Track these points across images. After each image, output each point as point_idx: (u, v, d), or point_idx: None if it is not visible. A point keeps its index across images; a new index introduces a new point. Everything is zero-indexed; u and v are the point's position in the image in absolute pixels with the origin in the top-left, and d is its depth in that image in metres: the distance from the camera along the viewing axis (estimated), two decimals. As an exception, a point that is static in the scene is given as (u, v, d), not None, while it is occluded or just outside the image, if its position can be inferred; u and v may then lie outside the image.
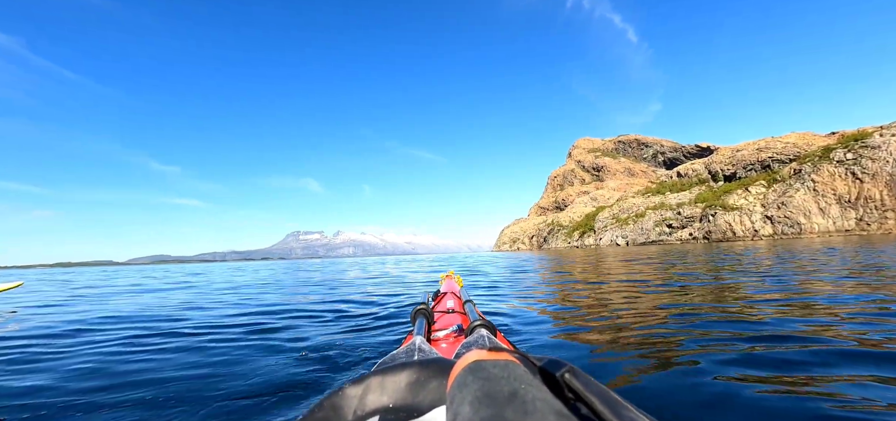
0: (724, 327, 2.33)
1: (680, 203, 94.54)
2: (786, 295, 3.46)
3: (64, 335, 2.98)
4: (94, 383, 1.80)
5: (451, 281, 2.47)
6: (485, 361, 0.30)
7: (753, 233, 72.01)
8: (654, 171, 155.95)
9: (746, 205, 77.50)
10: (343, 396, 0.40)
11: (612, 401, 0.28)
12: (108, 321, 3.59)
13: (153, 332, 2.98)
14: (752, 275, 5.24)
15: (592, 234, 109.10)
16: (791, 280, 4.48)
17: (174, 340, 2.65)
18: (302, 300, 4.69)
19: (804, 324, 2.31)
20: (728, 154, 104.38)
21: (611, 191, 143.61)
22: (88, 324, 3.46)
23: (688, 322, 2.53)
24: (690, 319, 2.60)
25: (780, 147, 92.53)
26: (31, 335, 3.02)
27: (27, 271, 28.50)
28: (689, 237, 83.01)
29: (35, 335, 3.01)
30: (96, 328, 3.24)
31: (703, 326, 2.40)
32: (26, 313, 4.34)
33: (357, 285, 6.74)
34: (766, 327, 2.27)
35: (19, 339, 2.89)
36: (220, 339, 2.62)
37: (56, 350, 2.49)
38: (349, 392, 0.40)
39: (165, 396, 1.59)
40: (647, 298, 3.66)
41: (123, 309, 4.47)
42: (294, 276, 10.89)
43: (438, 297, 1.87)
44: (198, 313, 3.89)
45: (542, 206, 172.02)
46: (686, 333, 2.24)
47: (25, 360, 2.28)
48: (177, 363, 2.07)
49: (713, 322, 2.48)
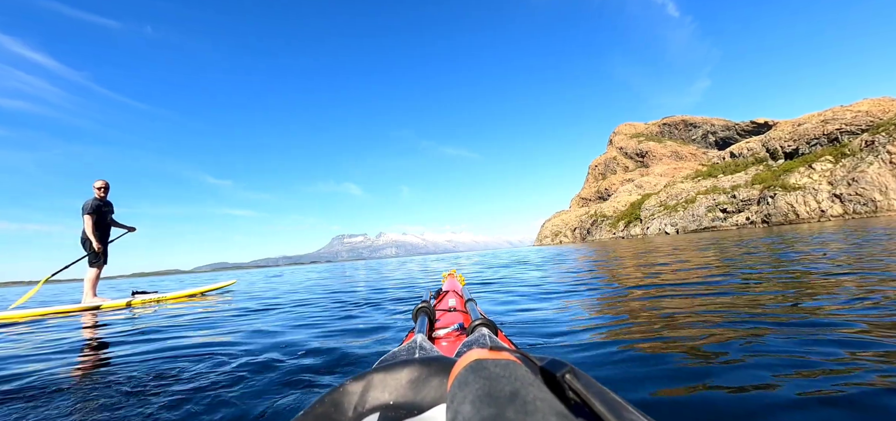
0: (803, 348, 1.57)
1: (734, 185, 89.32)
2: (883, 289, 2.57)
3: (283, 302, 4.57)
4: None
5: (454, 279, 2.46)
6: (486, 360, 0.30)
7: (820, 214, 67.09)
8: (705, 152, 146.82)
9: (810, 183, 72.08)
10: (344, 392, 0.40)
11: (612, 402, 0.28)
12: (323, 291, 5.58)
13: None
14: (828, 264, 4.14)
15: (639, 223, 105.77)
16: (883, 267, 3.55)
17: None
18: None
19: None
20: (788, 129, 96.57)
21: (657, 177, 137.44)
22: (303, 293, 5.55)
23: (755, 340, 1.74)
24: (758, 337, 1.78)
25: (850, 117, 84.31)
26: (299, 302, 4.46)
27: (113, 282, 30.71)
28: (745, 222, 78.64)
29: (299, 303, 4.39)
30: (315, 300, 4.62)
31: (778, 347, 1.61)
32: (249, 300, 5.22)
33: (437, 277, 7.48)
34: (866, 348, 1.50)
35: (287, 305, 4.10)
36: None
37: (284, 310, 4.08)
38: (350, 389, 0.40)
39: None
40: (701, 298, 2.87)
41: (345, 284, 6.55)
42: (379, 272, 12.39)
43: (440, 295, 1.84)
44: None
45: (584, 197, 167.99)
46: (751, 354, 1.55)
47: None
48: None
49: (790, 340, 1.68)
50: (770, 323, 2.00)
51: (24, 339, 3.21)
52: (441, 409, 0.38)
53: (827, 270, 3.77)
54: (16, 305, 5.30)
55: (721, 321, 2.14)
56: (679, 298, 3.01)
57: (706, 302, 2.73)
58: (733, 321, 2.11)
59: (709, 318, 2.24)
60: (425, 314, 1.08)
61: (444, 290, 1.95)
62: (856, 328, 1.79)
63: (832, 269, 3.80)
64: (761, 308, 2.37)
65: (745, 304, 2.55)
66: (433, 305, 1.51)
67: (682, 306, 2.66)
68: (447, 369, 0.40)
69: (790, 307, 2.35)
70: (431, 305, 1.27)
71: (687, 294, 3.12)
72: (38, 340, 3.08)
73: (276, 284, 8.98)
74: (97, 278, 5.75)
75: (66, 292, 12.65)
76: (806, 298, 2.58)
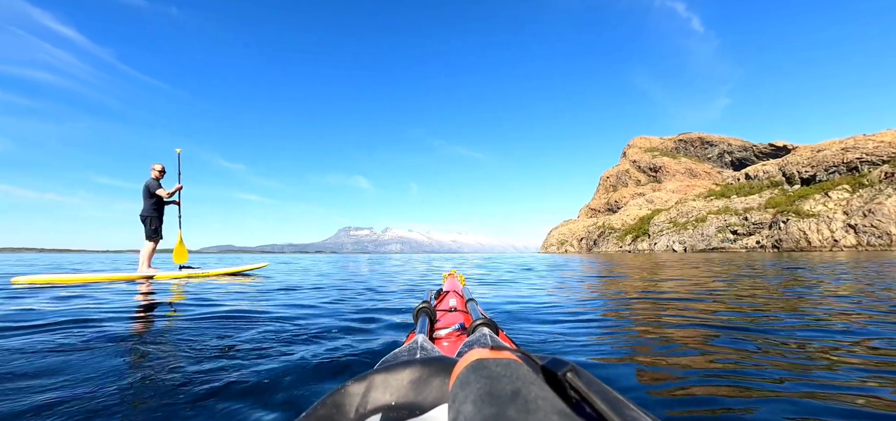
0: (804, 389, 1.31)
1: (747, 208, 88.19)
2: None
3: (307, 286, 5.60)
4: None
5: (454, 280, 2.46)
6: (487, 360, 0.31)
7: (832, 243, 65.96)
8: (720, 172, 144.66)
9: (825, 211, 70.88)
10: (346, 393, 0.40)
11: (614, 400, 0.28)
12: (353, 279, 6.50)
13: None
14: (849, 299, 3.58)
15: (646, 238, 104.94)
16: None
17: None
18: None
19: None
20: (807, 154, 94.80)
21: (669, 193, 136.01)
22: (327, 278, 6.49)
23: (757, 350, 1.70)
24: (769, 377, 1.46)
25: (872, 146, 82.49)
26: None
27: (120, 255, 30.82)
28: (755, 245, 77.59)
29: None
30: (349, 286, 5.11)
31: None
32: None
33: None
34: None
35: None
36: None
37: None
38: (352, 390, 0.40)
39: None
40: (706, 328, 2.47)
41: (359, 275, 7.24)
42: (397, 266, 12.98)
43: (441, 295, 1.80)
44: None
45: (593, 208, 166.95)
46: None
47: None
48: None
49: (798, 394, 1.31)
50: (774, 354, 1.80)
51: (89, 298, 3.72)
52: (443, 409, 0.38)
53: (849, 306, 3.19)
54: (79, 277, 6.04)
55: (721, 337, 2.12)
56: (682, 312, 3.01)
57: (707, 316, 2.77)
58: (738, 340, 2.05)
59: (710, 334, 2.23)
60: (426, 315, 1.08)
61: (445, 290, 1.94)
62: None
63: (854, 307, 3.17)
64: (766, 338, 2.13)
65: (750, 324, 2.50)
66: (434, 305, 1.53)
67: (684, 318, 2.73)
68: (448, 369, 0.40)
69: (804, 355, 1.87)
70: (432, 305, 1.27)
71: (690, 310, 3.08)
72: (102, 299, 3.62)
73: (305, 268, 9.52)
74: (152, 252, 6.27)
75: (122, 260, 13.67)
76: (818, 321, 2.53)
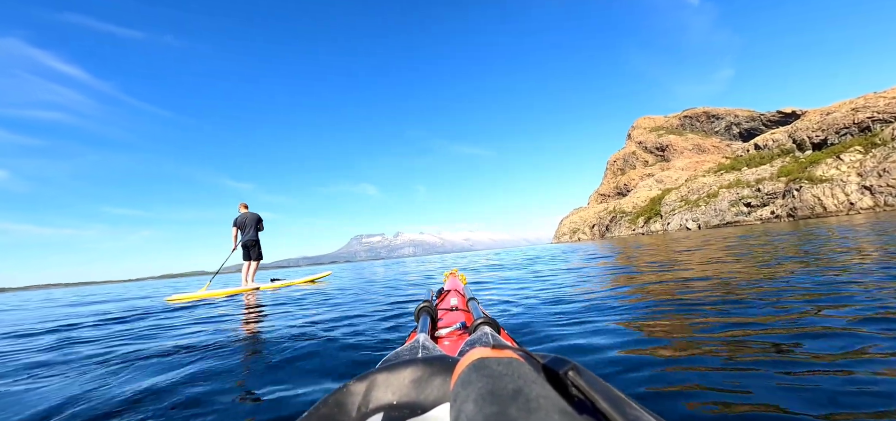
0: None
1: (759, 178, 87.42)
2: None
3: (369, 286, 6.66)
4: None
5: (455, 279, 2.44)
6: (488, 359, 0.31)
7: (848, 206, 65.46)
8: (729, 145, 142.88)
9: (838, 175, 70.08)
10: (347, 392, 0.41)
11: (616, 399, 0.28)
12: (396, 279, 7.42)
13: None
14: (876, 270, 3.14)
15: (659, 218, 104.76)
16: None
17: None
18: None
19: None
20: (816, 118, 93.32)
21: (678, 171, 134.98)
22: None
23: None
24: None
25: (883, 104, 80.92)
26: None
27: (144, 283, 32.24)
28: (770, 216, 77.10)
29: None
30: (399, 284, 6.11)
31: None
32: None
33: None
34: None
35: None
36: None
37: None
38: (353, 389, 0.41)
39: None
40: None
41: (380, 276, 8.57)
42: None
43: (442, 294, 1.79)
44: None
45: (603, 193, 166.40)
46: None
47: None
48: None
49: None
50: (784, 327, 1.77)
51: (209, 311, 4.37)
52: (444, 408, 0.38)
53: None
54: (202, 291, 7.05)
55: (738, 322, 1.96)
56: (694, 299, 2.70)
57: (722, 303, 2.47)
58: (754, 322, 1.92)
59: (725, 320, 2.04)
60: (427, 314, 1.07)
61: (446, 289, 1.95)
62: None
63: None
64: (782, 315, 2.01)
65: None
66: (435, 304, 1.53)
67: (696, 306, 2.45)
68: (450, 368, 0.41)
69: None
70: (433, 304, 1.27)
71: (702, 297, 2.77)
72: (217, 313, 4.22)
73: (363, 275, 10.59)
74: (249, 269, 7.75)
75: (230, 280, 14.90)
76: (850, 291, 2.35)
